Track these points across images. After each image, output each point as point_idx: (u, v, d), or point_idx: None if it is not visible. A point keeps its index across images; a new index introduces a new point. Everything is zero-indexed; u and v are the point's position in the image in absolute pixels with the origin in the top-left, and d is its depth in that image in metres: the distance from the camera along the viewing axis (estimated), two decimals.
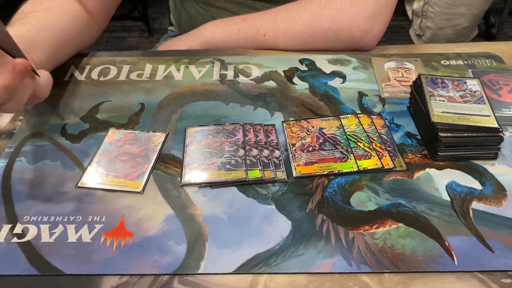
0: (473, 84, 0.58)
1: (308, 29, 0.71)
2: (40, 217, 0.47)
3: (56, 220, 0.47)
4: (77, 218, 0.47)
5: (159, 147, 0.55)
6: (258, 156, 0.54)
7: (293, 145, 0.56)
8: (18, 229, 0.46)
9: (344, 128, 0.58)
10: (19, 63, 0.44)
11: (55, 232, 0.46)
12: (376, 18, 0.69)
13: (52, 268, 0.43)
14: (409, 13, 1.70)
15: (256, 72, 0.69)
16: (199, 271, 0.42)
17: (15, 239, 0.45)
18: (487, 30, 2.26)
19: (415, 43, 1.66)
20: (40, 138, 0.57)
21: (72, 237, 0.45)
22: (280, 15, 0.72)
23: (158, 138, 0.57)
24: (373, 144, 0.55)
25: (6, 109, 0.46)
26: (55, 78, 0.55)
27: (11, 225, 0.47)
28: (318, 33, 0.70)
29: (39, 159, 0.54)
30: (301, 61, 0.71)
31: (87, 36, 0.73)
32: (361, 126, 0.58)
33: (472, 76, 0.64)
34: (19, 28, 0.60)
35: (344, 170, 0.52)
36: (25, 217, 0.47)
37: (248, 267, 0.42)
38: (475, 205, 0.48)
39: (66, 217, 0.47)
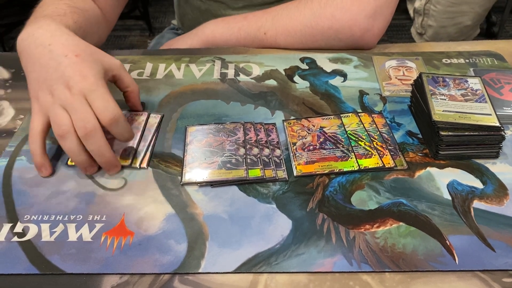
0: (475, 83, 0.58)
1: (308, 27, 0.70)
2: (40, 216, 0.47)
3: (57, 219, 0.47)
4: (78, 217, 0.47)
5: (155, 127, 0.58)
6: (258, 155, 0.54)
7: (294, 144, 0.55)
8: (19, 228, 0.46)
9: (345, 127, 0.58)
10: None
11: (55, 231, 0.46)
12: (376, 17, 0.69)
13: (52, 267, 0.43)
14: (411, 12, 1.70)
15: (256, 71, 0.69)
16: (200, 270, 0.42)
17: (15, 238, 0.45)
18: (488, 29, 2.25)
19: (416, 41, 1.66)
20: None
21: (72, 236, 0.45)
22: (281, 13, 0.72)
23: (154, 119, 0.59)
24: (374, 143, 0.55)
25: None
26: None
27: (11, 224, 0.47)
28: (319, 32, 0.70)
29: None
30: (302, 60, 0.71)
31: (102, 35, 0.74)
32: (362, 125, 0.58)
33: (473, 74, 0.64)
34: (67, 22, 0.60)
35: (345, 169, 0.52)
36: (25, 216, 0.47)
37: (249, 266, 0.42)
38: (476, 204, 0.48)
39: (67, 216, 0.47)
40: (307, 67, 0.69)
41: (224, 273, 0.42)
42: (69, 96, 0.49)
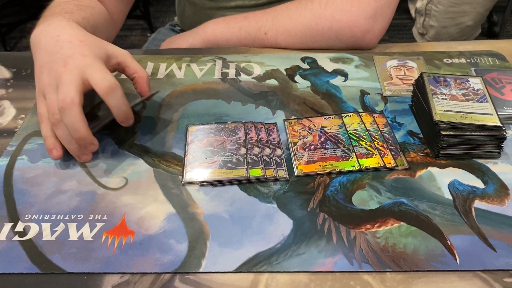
0: (476, 83, 0.57)
1: (308, 28, 0.70)
2: (41, 215, 0.47)
3: (58, 218, 0.47)
4: (78, 216, 0.47)
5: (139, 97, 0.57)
6: (259, 155, 0.54)
7: (295, 143, 0.55)
8: (20, 227, 0.46)
9: (346, 126, 0.58)
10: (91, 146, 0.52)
11: (56, 231, 0.46)
12: (377, 18, 0.69)
13: (53, 267, 0.43)
14: (412, 12, 1.70)
15: (257, 71, 0.69)
16: (200, 270, 0.42)
17: (16, 237, 0.45)
18: (490, 28, 2.25)
19: (417, 41, 1.66)
20: (42, 137, 0.57)
21: (73, 235, 0.45)
22: (281, 14, 0.72)
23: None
24: (375, 142, 0.55)
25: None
26: None
27: (12, 224, 0.47)
28: (319, 32, 0.70)
29: (41, 158, 0.54)
30: (303, 59, 0.71)
31: (110, 35, 0.74)
32: (363, 125, 0.58)
33: (474, 74, 0.64)
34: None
35: (346, 169, 0.52)
36: (26, 216, 0.47)
37: (249, 266, 0.42)
38: (478, 204, 0.48)
39: (67, 215, 0.47)
40: (308, 67, 0.69)
41: (224, 272, 0.42)
42: (63, 70, 0.50)
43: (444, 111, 0.53)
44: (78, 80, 0.50)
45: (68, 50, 0.52)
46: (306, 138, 0.56)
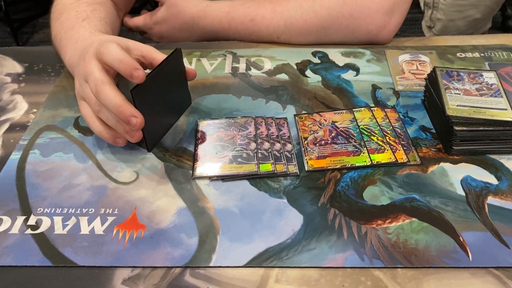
0: (490, 77, 0.57)
1: (324, 28, 0.70)
2: (53, 209, 0.48)
3: (69, 212, 0.47)
4: (90, 210, 0.48)
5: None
6: (270, 150, 0.53)
7: (305, 138, 0.55)
8: (32, 220, 0.47)
9: (357, 121, 0.57)
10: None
11: (68, 224, 0.46)
12: (393, 13, 0.68)
13: (65, 260, 0.43)
14: (421, 4, 1.68)
15: (268, 65, 0.68)
16: (211, 264, 0.42)
17: (29, 231, 0.46)
18: (504, 22, 2.21)
19: (426, 35, 1.63)
20: (54, 131, 0.58)
21: (84, 229, 0.46)
22: (294, 16, 0.70)
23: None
24: (387, 137, 0.55)
25: None
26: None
27: (25, 217, 0.47)
28: (335, 30, 0.70)
29: (53, 152, 0.55)
30: (314, 54, 0.70)
31: (115, 32, 0.75)
32: (374, 120, 0.57)
33: (488, 68, 0.63)
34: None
35: (357, 164, 0.51)
36: (38, 209, 0.48)
37: (260, 261, 0.42)
38: (491, 200, 0.47)
39: (79, 209, 0.48)
40: (319, 61, 0.69)
41: (235, 267, 0.42)
42: (84, 63, 0.52)
43: (457, 106, 0.52)
44: (96, 62, 0.50)
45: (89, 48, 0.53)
46: (317, 133, 0.56)
